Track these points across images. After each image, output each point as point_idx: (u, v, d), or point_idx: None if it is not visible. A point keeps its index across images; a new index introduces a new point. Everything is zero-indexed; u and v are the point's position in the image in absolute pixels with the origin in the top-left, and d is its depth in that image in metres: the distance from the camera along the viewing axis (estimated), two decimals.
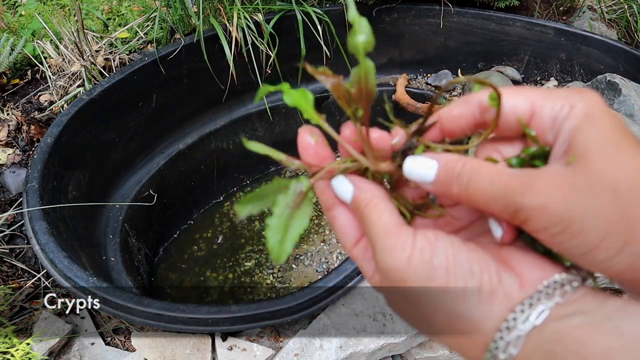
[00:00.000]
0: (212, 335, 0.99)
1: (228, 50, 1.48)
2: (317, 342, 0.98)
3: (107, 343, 1.03)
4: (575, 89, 0.24)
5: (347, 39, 0.25)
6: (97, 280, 0.94)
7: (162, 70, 1.47)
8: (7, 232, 1.17)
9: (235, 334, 1.01)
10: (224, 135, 1.73)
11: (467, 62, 1.86)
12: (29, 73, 1.57)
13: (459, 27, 1.79)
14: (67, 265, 0.96)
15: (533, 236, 0.23)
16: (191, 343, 0.97)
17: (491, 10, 1.76)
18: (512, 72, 1.74)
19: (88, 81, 1.45)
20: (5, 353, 0.92)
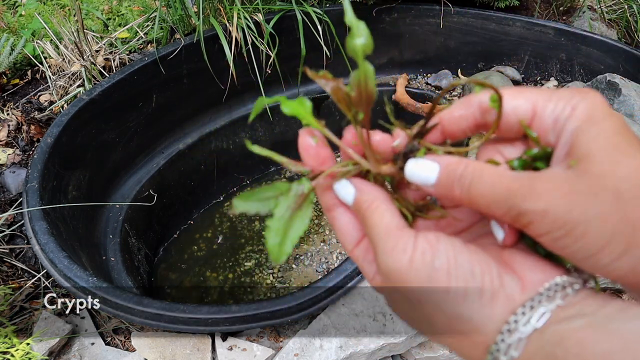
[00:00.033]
0: (212, 335, 0.99)
1: (228, 50, 1.48)
2: (317, 342, 0.98)
3: (107, 343, 1.03)
4: (577, 89, 0.24)
5: (346, 42, 0.25)
6: (97, 280, 0.94)
7: (162, 70, 1.47)
8: (7, 232, 1.17)
9: (235, 334, 1.01)
10: (224, 135, 1.73)
11: (467, 62, 1.86)
12: (29, 73, 1.57)
13: (459, 27, 1.79)
14: (67, 265, 0.96)
15: (535, 239, 0.23)
16: (191, 343, 0.97)
17: (491, 10, 1.76)
18: (512, 72, 1.74)
19: (88, 81, 1.45)
20: (5, 353, 0.92)
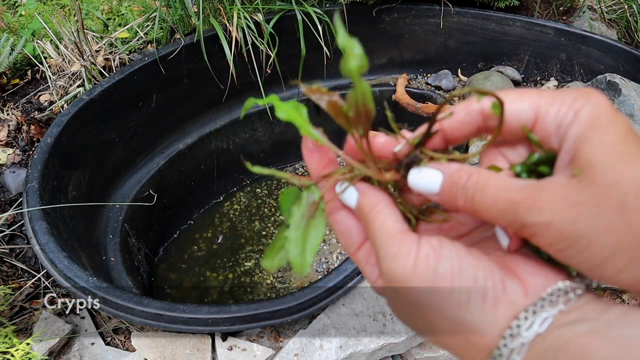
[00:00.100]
0: (212, 335, 0.99)
1: (228, 50, 1.48)
2: (317, 342, 0.98)
3: (107, 343, 1.03)
4: (580, 91, 0.23)
5: (341, 63, 0.24)
6: (97, 280, 0.94)
7: (162, 70, 1.46)
8: (7, 232, 1.16)
9: (235, 334, 1.01)
10: (224, 135, 1.73)
11: (467, 62, 1.86)
12: (29, 73, 1.57)
13: (459, 27, 1.78)
14: (67, 265, 0.96)
15: None
16: (191, 343, 0.97)
17: (491, 10, 1.76)
18: (512, 72, 1.74)
19: (88, 81, 1.45)
20: (5, 353, 0.92)
